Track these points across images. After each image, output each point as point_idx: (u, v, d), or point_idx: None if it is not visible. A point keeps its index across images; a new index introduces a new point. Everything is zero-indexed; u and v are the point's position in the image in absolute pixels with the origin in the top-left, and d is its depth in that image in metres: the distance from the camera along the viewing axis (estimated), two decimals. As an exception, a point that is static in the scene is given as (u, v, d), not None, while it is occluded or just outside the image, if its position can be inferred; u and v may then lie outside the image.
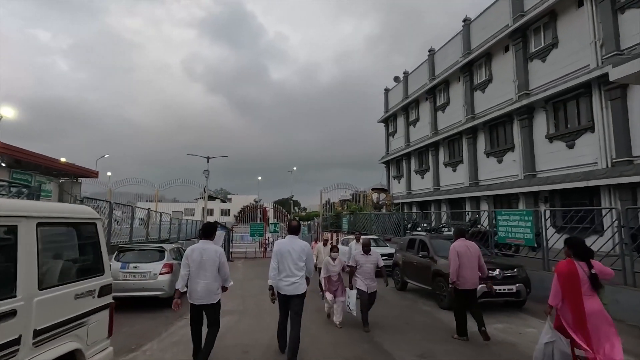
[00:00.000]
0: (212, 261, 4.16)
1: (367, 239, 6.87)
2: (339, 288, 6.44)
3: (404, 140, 27.10)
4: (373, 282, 6.18)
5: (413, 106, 26.16)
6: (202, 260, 4.13)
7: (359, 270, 6.21)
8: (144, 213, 14.08)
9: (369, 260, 6.24)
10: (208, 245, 4.27)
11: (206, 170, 23.93)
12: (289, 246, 4.48)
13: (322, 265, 6.68)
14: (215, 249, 4.28)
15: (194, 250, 4.22)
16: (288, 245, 4.51)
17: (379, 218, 19.73)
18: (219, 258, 4.24)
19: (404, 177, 27.13)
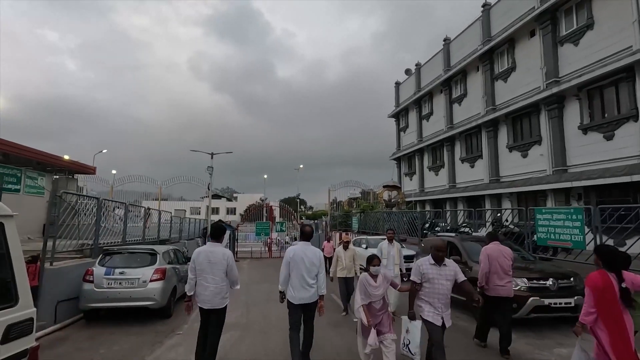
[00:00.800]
0: (220, 264, 4.06)
1: (441, 241, 4.31)
2: (383, 319, 4.10)
3: (417, 136, 25.82)
4: (448, 310, 3.94)
5: (426, 99, 24.86)
6: (209, 263, 4.03)
7: (426, 290, 3.95)
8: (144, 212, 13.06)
9: (443, 274, 3.92)
10: (216, 247, 4.16)
11: (210, 167, 22.91)
12: (302, 254, 4.25)
13: (358, 286, 4.22)
14: (223, 252, 4.16)
15: (201, 253, 4.13)
16: (301, 252, 4.27)
17: (391, 217, 18.54)
18: (226, 261, 4.12)
19: (417, 174, 25.87)
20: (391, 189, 22.16)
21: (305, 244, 4.40)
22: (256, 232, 26.86)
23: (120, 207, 11.38)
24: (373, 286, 4.09)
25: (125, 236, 10.14)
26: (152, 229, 14.07)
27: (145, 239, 12.38)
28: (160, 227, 13.82)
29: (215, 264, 4.06)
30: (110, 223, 10.18)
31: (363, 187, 30.15)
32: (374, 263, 4.28)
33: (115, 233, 9.99)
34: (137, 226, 14.41)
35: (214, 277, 4.04)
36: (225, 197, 79.35)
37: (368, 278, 4.16)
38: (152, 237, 13.32)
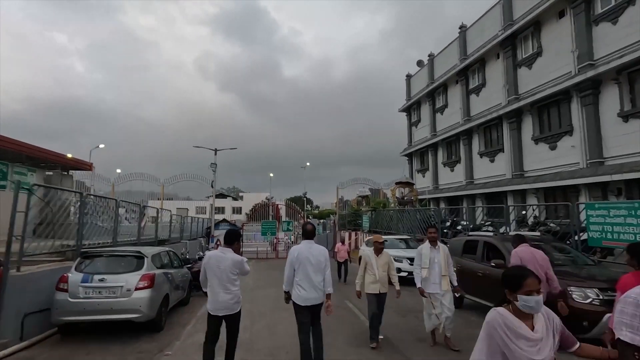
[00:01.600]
0: (230, 269, 3.96)
1: None
2: None
3: (430, 130, 24.53)
4: None
5: (440, 91, 23.56)
6: (220, 269, 3.94)
7: None
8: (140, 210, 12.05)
9: None
10: (226, 253, 4.04)
11: (213, 164, 21.93)
12: (307, 252, 4.12)
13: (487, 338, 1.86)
14: (233, 258, 4.02)
15: (211, 257, 4.03)
16: (306, 251, 4.14)
17: (404, 215, 17.35)
18: (238, 267, 4.04)
19: (430, 171, 24.59)
20: (404, 185, 20.96)
21: (309, 243, 4.27)
22: (262, 231, 25.81)
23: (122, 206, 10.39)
24: (527, 339, 1.75)
25: (117, 236, 9.11)
26: (150, 229, 13.09)
27: (141, 239, 11.37)
28: (158, 226, 12.80)
29: (224, 271, 3.94)
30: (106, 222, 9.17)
31: (372, 185, 29.00)
32: (529, 287, 1.79)
33: (106, 232, 8.99)
34: (129, 225, 13.46)
35: (224, 283, 3.93)
36: (231, 197, 78.69)
37: (510, 321, 1.79)
38: (149, 237, 12.32)
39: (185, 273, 8.65)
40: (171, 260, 7.69)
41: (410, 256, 11.41)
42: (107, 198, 10.30)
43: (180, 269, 8.25)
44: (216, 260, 3.98)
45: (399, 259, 11.40)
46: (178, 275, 7.65)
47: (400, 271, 11.15)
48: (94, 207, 9.35)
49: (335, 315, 6.24)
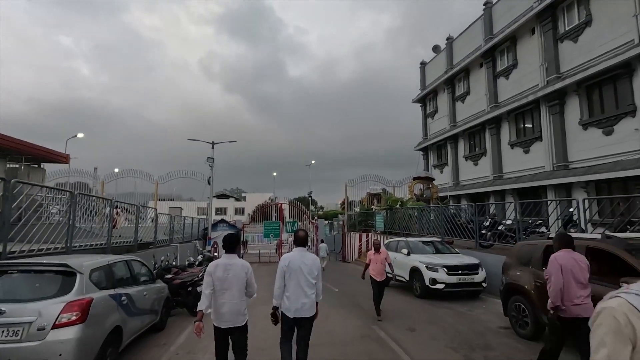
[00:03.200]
0: (239, 278, 3.66)
1: None
2: None
3: (449, 121, 22.25)
4: None
5: (461, 77, 21.28)
6: (227, 277, 3.62)
7: None
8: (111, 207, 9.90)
9: None
10: (233, 259, 3.74)
11: (210, 158, 19.79)
12: (299, 261, 3.83)
13: None
14: (242, 264, 3.75)
15: (218, 266, 3.68)
16: (298, 259, 3.84)
17: (424, 214, 15.09)
18: (246, 275, 3.72)
19: (449, 166, 22.29)
20: (423, 181, 18.70)
21: (301, 250, 3.96)
22: (264, 233, 23.67)
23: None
24: None
25: (71, 240, 6.95)
26: (128, 230, 10.98)
27: (114, 243, 9.23)
28: (138, 227, 10.65)
29: (233, 278, 3.62)
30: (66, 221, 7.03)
31: (383, 183, 26.74)
32: None
33: (56, 235, 6.83)
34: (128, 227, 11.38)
35: (232, 292, 3.61)
36: (233, 197, 76.76)
37: None
38: (126, 240, 10.18)
39: (160, 289, 6.49)
40: (133, 274, 5.50)
41: (448, 263, 9.18)
42: (59, 189, 8.16)
43: (150, 284, 6.09)
44: (224, 268, 3.64)
45: (432, 267, 9.17)
46: (143, 295, 5.49)
47: (436, 283, 8.91)
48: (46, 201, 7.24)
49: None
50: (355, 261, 20.76)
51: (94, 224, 9.21)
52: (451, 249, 10.64)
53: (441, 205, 16.20)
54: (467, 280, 8.95)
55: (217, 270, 3.64)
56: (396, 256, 10.97)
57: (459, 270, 9.01)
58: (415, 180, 18.62)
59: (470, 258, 9.61)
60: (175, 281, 8.16)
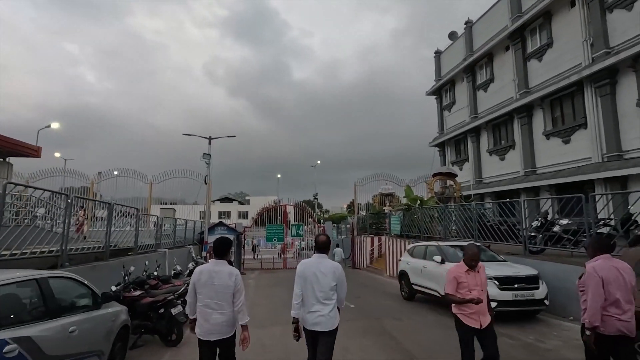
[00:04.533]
0: (226, 287, 3.30)
1: None
2: None
3: (469, 112, 20.21)
4: None
5: (483, 63, 19.26)
6: (213, 285, 3.30)
7: None
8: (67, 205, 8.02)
9: None
10: (221, 266, 3.38)
11: (206, 154, 17.92)
12: (315, 267, 3.45)
13: None
14: (230, 271, 3.37)
15: (203, 272, 3.36)
16: (314, 266, 3.46)
17: (445, 214, 13.02)
18: (234, 283, 3.33)
19: (470, 162, 20.22)
20: (444, 177, 16.64)
21: (321, 257, 3.53)
22: (267, 237, 21.72)
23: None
24: None
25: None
26: (97, 235, 9.08)
27: (74, 250, 7.34)
28: (109, 230, 8.72)
29: (219, 286, 3.29)
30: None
31: (395, 182, 24.71)
32: None
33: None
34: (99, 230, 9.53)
35: (219, 302, 3.28)
36: (237, 201, 75.11)
37: None
38: (94, 245, 8.27)
39: (108, 318, 4.53)
40: (48, 301, 3.52)
41: (499, 274, 7.12)
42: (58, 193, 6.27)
43: (89, 312, 4.14)
44: (209, 275, 3.31)
45: (479, 279, 7.08)
46: (67, 332, 3.53)
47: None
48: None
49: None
50: (367, 268, 18.71)
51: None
52: (496, 256, 8.58)
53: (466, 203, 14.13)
54: (525, 297, 6.89)
55: (201, 277, 3.36)
56: (425, 265, 8.96)
57: (514, 283, 6.96)
58: (435, 177, 16.57)
59: (526, 268, 7.54)
60: (144, 300, 6.21)
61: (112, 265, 8.30)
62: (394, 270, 15.95)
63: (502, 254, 9.10)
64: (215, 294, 3.30)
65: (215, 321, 3.28)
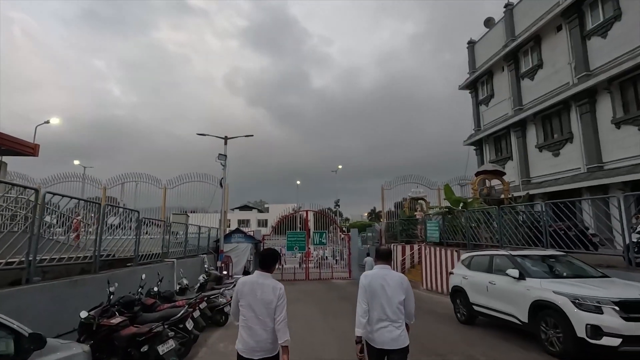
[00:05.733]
0: (268, 301, 3.04)
1: None
2: None
3: (511, 104, 18.01)
4: None
5: (529, 48, 17.09)
6: (255, 299, 3.06)
7: None
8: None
9: None
10: (265, 279, 3.15)
11: (222, 155, 16.50)
12: (381, 279, 3.26)
13: None
14: (274, 285, 3.12)
15: (246, 283, 3.17)
16: (380, 278, 3.28)
17: (501, 217, 10.88)
18: (276, 298, 3.05)
19: (514, 160, 17.93)
20: (490, 176, 14.50)
21: (384, 267, 3.35)
22: (287, 245, 20.04)
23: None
24: None
25: None
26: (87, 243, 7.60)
27: (48, 261, 5.84)
28: (99, 237, 7.19)
29: (262, 301, 3.04)
30: None
31: (426, 185, 22.59)
32: None
33: None
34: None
35: (261, 317, 3.02)
36: (256, 209, 74.15)
37: None
38: (80, 255, 6.76)
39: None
40: None
41: (622, 297, 5.00)
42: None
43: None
44: (251, 288, 3.10)
45: (588, 303, 5.11)
46: None
47: (600, 334, 4.84)
48: None
49: None
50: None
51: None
52: (590, 269, 6.47)
53: (517, 204, 11.93)
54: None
55: (244, 289, 3.13)
56: (493, 280, 6.94)
57: (644, 310, 4.89)
58: (480, 176, 14.43)
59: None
60: (125, 331, 4.54)
61: (101, 279, 6.75)
62: (434, 284, 13.83)
63: (611, 268, 6.98)
64: (257, 308, 3.08)
65: (259, 337, 3.04)
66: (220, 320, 8.27)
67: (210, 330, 7.90)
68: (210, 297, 8.37)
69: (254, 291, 3.09)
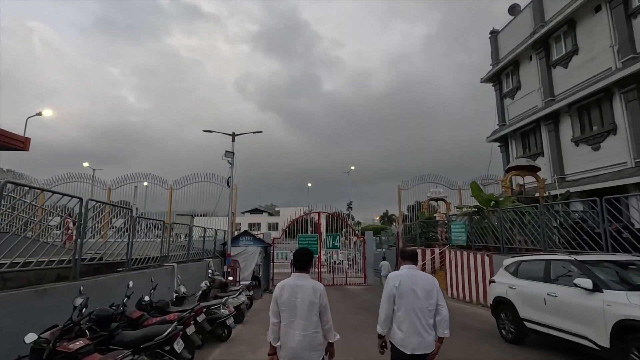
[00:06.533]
0: (310, 303, 2.94)
1: None
2: None
3: (541, 95, 16.54)
4: None
5: (561, 33, 15.63)
6: (295, 302, 2.94)
7: None
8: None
9: None
10: (303, 280, 3.03)
11: (229, 152, 15.46)
12: (410, 281, 3.15)
13: None
14: (314, 286, 3.02)
15: (285, 287, 3.02)
16: (409, 279, 3.17)
17: (545, 217, 9.48)
18: (319, 299, 2.97)
19: (546, 156, 16.43)
20: (523, 172, 13.10)
21: (412, 268, 3.29)
22: (299, 249, 18.85)
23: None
24: None
25: None
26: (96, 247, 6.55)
27: (23, 265, 4.80)
28: (81, 238, 6.16)
29: (303, 303, 2.91)
30: None
31: (446, 185, 21.20)
32: None
33: None
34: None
35: (302, 321, 2.88)
36: (267, 212, 73.32)
37: None
38: (54, 259, 5.72)
39: None
40: None
41: None
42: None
43: None
44: (291, 291, 2.95)
45: None
46: None
47: None
48: None
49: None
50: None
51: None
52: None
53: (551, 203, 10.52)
54: None
55: (283, 293, 2.97)
56: (553, 291, 5.64)
57: None
58: (511, 172, 13.02)
59: None
60: (88, 359, 3.43)
61: (79, 286, 5.71)
62: (461, 292, 12.48)
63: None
64: (298, 313, 2.92)
65: (299, 344, 2.87)
66: (222, 335, 7.13)
67: (210, 346, 6.77)
68: (210, 307, 7.26)
69: (294, 294, 2.94)
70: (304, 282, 2.99)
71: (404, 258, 3.39)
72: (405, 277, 3.18)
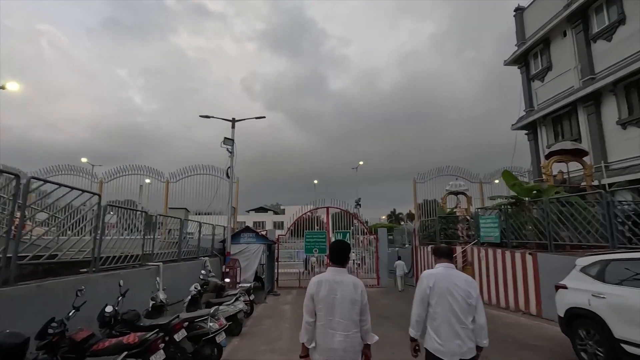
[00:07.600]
0: (352, 301, 2.64)
1: None
2: None
3: (579, 75, 14.69)
4: None
5: (603, 2, 13.77)
6: (335, 299, 2.63)
7: None
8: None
9: None
10: (342, 275, 2.73)
11: (228, 139, 13.86)
12: (447, 281, 2.84)
13: None
14: (355, 282, 2.73)
15: (322, 283, 2.70)
16: (445, 279, 2.86)
17: (608, 208, 7.71)
18: (360, 297, 2.68)
19: (584, 141, 14.53)
20: (567, 157, 11.32)
21: (447, 267, 2.98)
22: (305, 247, 17.32)
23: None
24: None
25: None
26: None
27: None
28: (19, 229, 4.58)
29: (344, 301, 2.62)
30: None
31: (466, 177, 19.41)
32: None
33: None
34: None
35: (342, 320, 2.59)
36: (272, 211, 71.90)
37: None
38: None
39: None
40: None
41: None
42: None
43: None
44: (330, 287, 2.65)
45: None
46: None
47: None
48: None
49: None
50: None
51: None
52: None
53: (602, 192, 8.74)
54: None
55: (320, 289, 2.67)
56: None
57: None
58: (553, 157, 11.23)
59: None
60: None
61: (16, 296, 4.14)
62: (494, 296, 10.76)
63: None
64: (338, 311, 2.63)
65: (339, 345, 2.58)
66: (210, 356, 5.50)
67: (193, 373, 5.15)
68: (195, 320, 5.62)
69: (334, 291, 2.65)
70: (343, 278, 2.72)
71: (438, 256, 3.13)
72: (441, 277, 2.89)
